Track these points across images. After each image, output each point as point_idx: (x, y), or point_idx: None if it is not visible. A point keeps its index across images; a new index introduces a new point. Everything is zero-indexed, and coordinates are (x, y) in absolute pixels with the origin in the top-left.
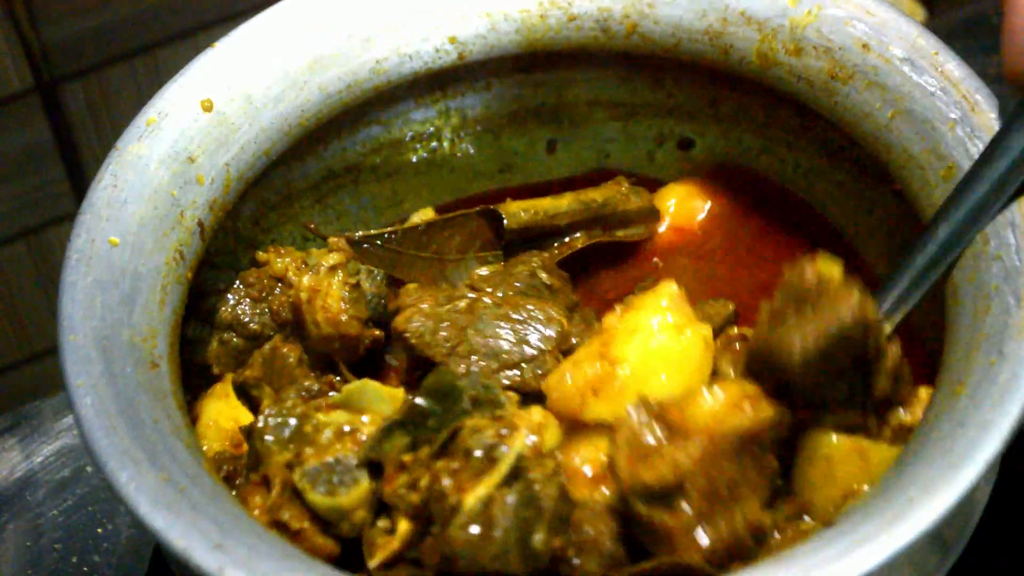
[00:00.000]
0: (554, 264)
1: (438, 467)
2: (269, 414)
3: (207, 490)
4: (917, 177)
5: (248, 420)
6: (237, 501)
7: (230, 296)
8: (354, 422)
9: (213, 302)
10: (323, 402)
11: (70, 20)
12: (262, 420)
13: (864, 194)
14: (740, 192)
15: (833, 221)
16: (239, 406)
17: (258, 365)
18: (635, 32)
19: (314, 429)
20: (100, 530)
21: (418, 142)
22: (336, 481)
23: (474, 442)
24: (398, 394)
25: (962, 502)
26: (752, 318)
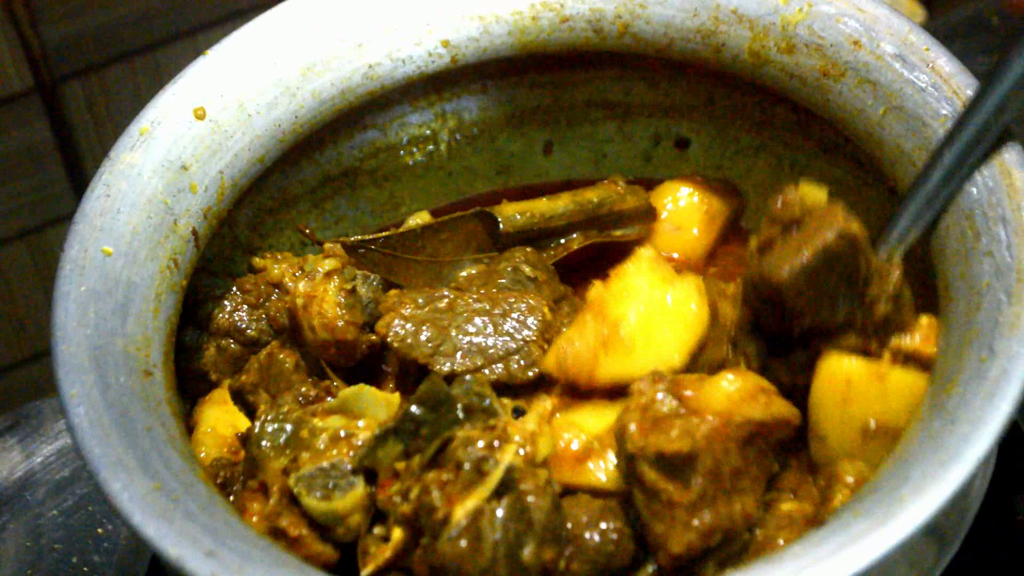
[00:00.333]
0: (539, 257)
1: (428, 479)
2: (265, 419)
3: (201, 498)
4: (909, 174)
5: (246, 426)
6: (232, 508)
7: (227, 302)
8: (350, 427)
9: (210, 309)
10: (319, 407)
11: (70, 20)
12: (258, 426)
13: (862, 191)
14: (737, 189)
15: None
16: (237, 412)
17: (254, 371)
18: (627, 32)
19: (310, 434)
20: (100, 530)
21: (415, 145)
22: (331, 486)
23: (464, 454)
24: (394, 399)
25: (957, 497)
26: None
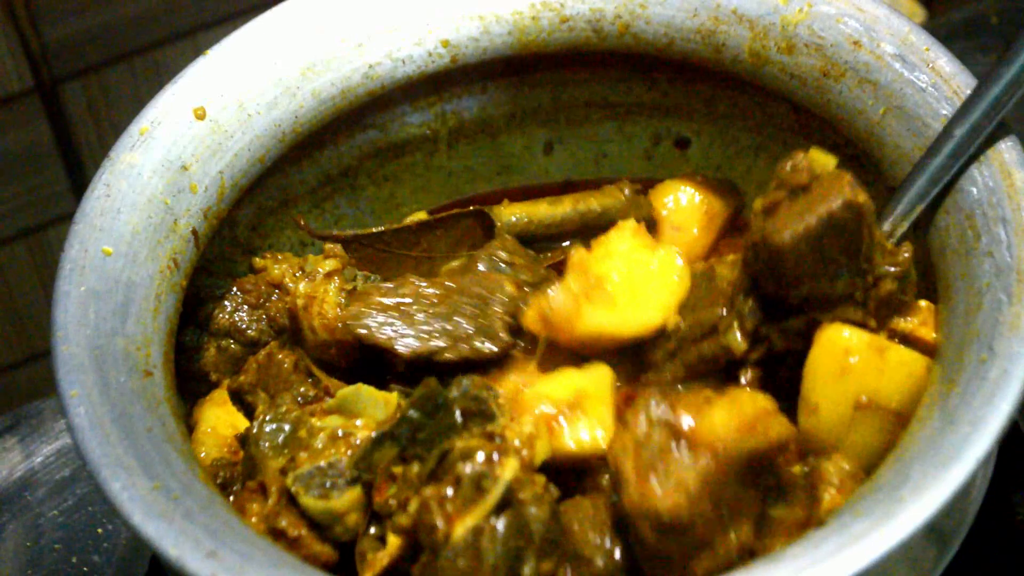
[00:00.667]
0: (516, 246)
1: (427, 494)
2: (264, 419)
3: (201, 498)
4: None
5: (246, 426)
6: (232, 508)
7: (227, 303)
8: (348, 426)
9: (210, 309)
10: (317, 407)
11: (70, 20)
12: (257, 426)
13: None
14: (737, 189)
15: None
16: (237, 412)
17: (253, 371)
18: (627, 32)
19: (308, 434)
20: (100, 530)
21: (415, 145)
22: (329, 485)
23: (464, 468)
24: (392, 398)
25: (957, 497)
26: None
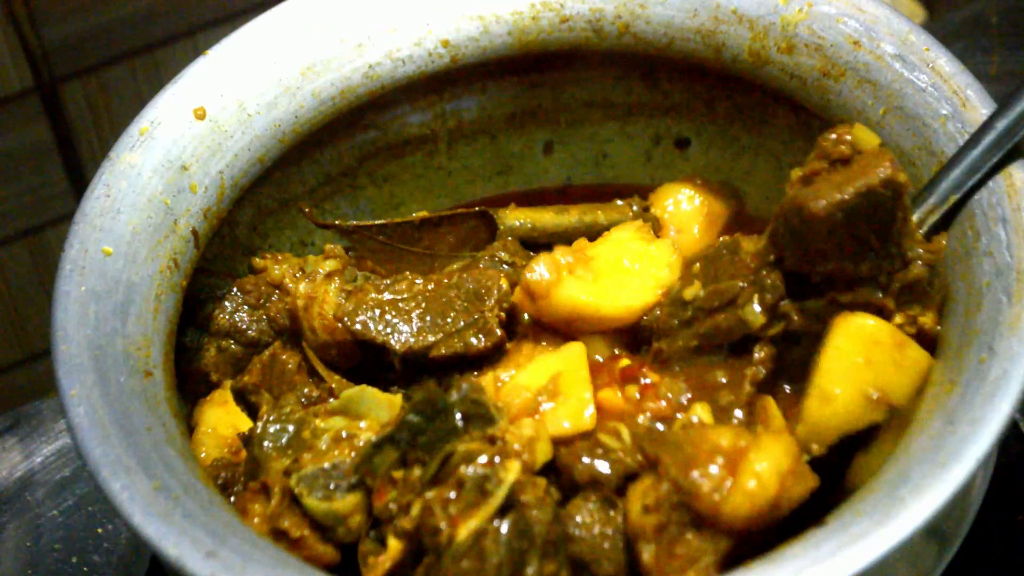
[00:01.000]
0: (518, 247)
1: (430, 498)
2: (268, 420)
3: (201, 498)
4: (909, 174)
5: (247, 427)
6: (232, 508)
7: (227, 303)
8: (352, 428)
9: (211, 309)
10: (321, 408)
11: (70, 20)
12: (260, 426)
13: None
14: (736, 191)
15: None
16: (238, 413)
17: (257, 372)
18: (627, 32)
19: (312, 435)
20: (100, 530)
21: (415, 145)
22: (332, 486)
23: (466, 471)
24: (396, 400)
25: (957, 497)
26: None
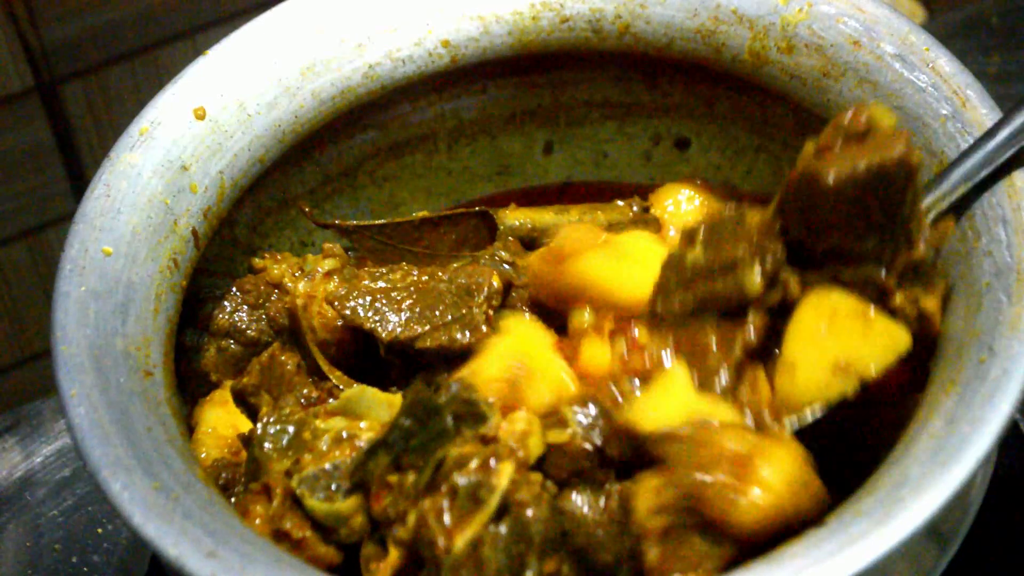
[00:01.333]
0: (520, 247)
1: (425, 507)
2: (268, 421)
3: (201, 498)
4: None
5: (247, 427)
6: (232, 509)
7: (227, 303)
8: (352, 428)
9: (210, 309)
10: (321, 409)
11: (70, 20)
12: (260, 427)
13: None
14: (737, 192)
15: None
16: (238, 413)
17: (256, 372)
18: (627, 32)
19: (312, 435)
20: (100, 530)
21: (415, 145)
22: (334, 487)
23: (459, 478)
24: (396, 400)
25: (958, 497)
26: None
